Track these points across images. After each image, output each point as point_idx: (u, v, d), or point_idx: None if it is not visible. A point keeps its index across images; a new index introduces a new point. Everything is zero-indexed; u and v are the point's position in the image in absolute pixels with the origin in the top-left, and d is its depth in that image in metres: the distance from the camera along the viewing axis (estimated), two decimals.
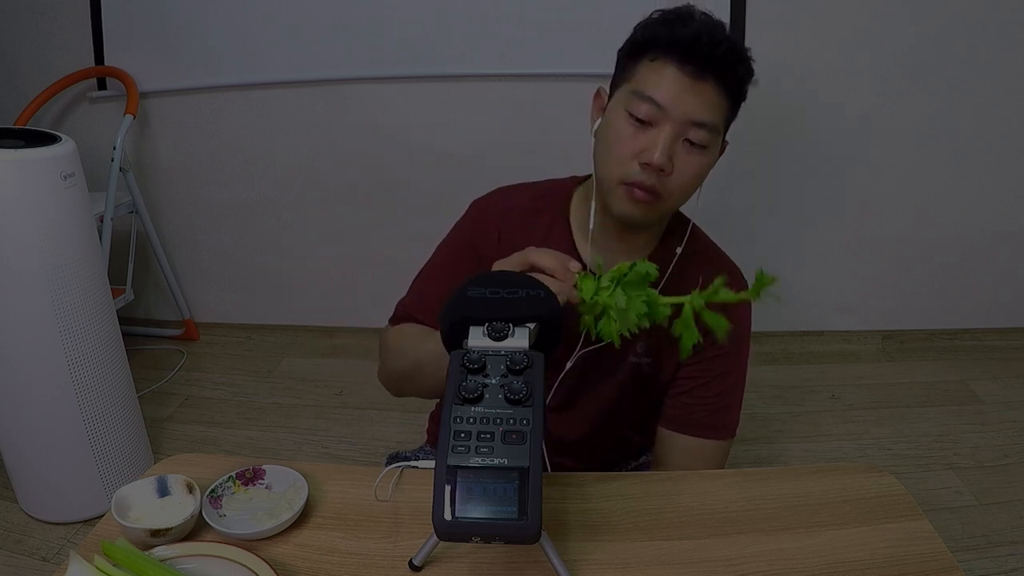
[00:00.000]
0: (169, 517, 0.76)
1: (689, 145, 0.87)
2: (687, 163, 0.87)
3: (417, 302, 1.05)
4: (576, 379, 1.03)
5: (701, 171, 0.89)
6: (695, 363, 1.00)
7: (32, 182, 1.46)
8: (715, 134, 0.88)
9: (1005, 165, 2.33)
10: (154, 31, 2.33)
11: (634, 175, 0.87)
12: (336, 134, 2.41)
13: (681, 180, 0.88)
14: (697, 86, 0.85)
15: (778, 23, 2.16)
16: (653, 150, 0.85)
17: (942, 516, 1.69)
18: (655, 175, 0.87)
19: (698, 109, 0.85)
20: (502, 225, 1.02)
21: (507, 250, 1.01)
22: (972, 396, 2.21)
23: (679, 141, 0.87)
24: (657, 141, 0.85)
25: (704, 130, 0.86)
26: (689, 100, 0.85)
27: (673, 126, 0.85)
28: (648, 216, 0.91)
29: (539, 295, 0.71)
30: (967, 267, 2.47)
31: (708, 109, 0.86)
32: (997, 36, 2.17)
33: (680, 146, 0.87)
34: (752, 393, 2.24)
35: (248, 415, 2.21)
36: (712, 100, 0.86)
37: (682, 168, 0.87)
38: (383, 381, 1.08)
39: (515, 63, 2.23)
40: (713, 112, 0.86)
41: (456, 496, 0.60)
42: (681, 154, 0.87)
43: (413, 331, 1.02)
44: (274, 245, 2.61)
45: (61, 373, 1.57)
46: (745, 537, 0.78)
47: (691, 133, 0.86)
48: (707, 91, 0.85)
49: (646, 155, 0.86)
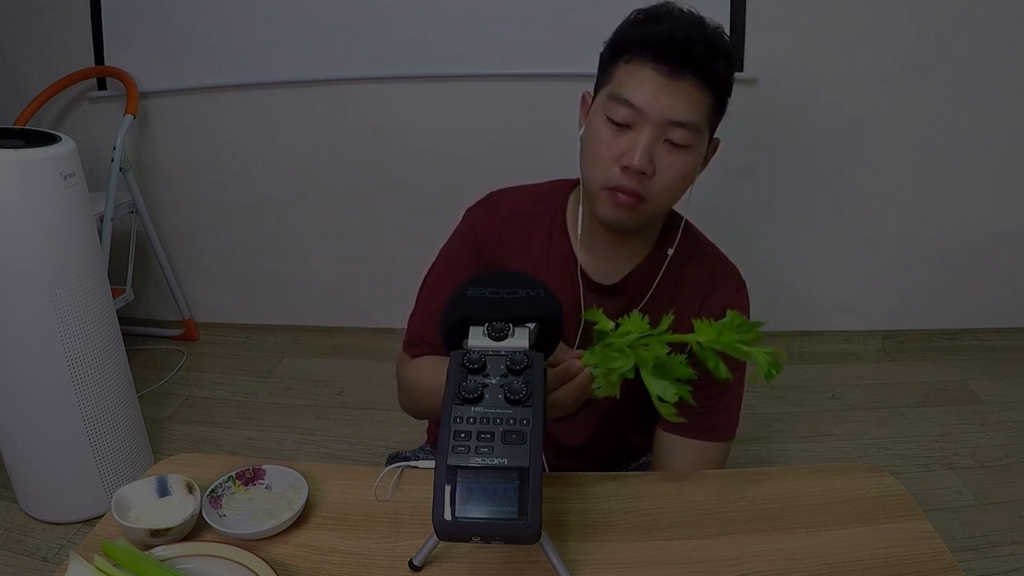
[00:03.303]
0: (169, 517, 0.76)
1: (671, 146, 0.85)
2: (670, 164, 0.86)
3: (425, 321, 1.05)
4: None
5: (686, 171, 0.87)
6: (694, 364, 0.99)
7: (32, 182, 1.46)
8: (697, 133, 0.86)
9: (1005, 165, 2.33)
10: (154, 31, 2.33)
11: (615, 179, 0.86)
12: (336, 134, 2.41)
13: (665, 182, 0.86)
14: (674, 85, 0.83)
15: (778, 23, 2.16)
16: (633, 153, 0.84)
17: (942, 516, 1.69)
18: (636, 178, 0.85)
19: (677, 109, 0.84)
20: (502, 230, 1.01)
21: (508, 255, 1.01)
22: (972, 396, 2.21)
23: (659, 142, 0.85)
24: (636, 144, 0.84)
25: (684, 129, 0.84)
26: (666, 100, 0.83)
27: (652, 128, 0.84)
28: (634, 220, 0.90)
29: (539, 295, 0.71)
30: (967, 267, 2.47)
31: (687, 108, 0.84)
32: (997, 36, 2.17)
33: (661, 147, 0.85)
34: (752, 393, 2.24)
35: (248, 415, 2.21)
36: (692, 98, 0.84)
37: (665, 169, 0.86)
38: (406, 410, 1.08)
39: (515, 63, 2.23)
40: (693, 111, 0.84)
41: (456, 496, 0.60)
42: (663, 155, 0.86)
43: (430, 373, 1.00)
44: (274, 245, 2.60)
45: (61, 373, 1.56)
46: (745, 537, 0.78)
47: (671, 133, 0.85)
48: (685, 89, 0.84)
49: (626, 158, 0.85)
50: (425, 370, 1.02)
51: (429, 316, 1.04)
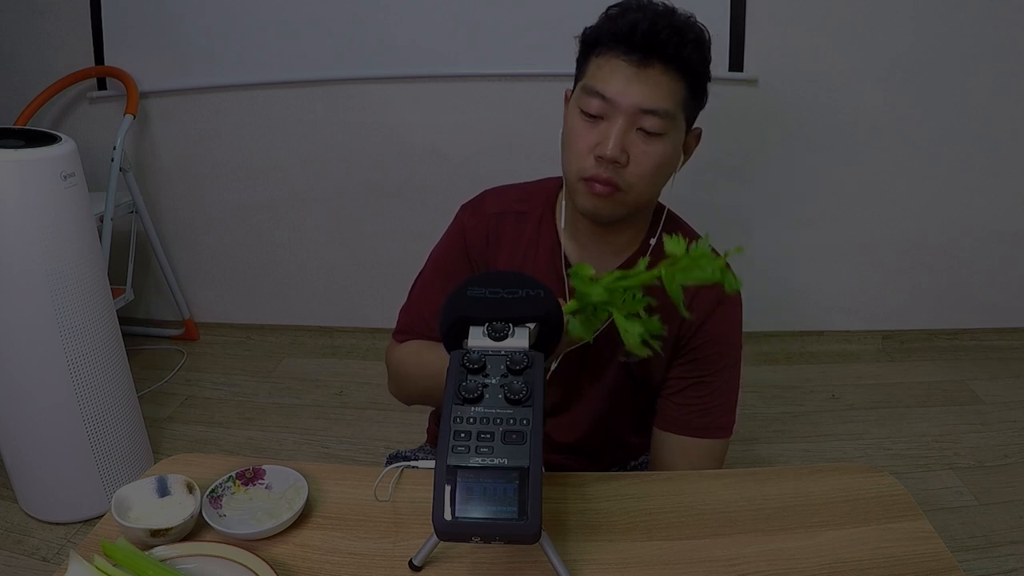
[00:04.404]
0: (169, 517, 0.76)
1: (644, 134, 0.87)
2: (643, 153, 0.87)
3: (415, 312, 1.07)
4: (567, 383, 1.04)
5: (661, 160, 0.88)
6: (687, 363, 1.00)
7: (32, 182, 1.46)
8: (670, 120, 0.87)
9: (1005, 165, 2.33)
10: (154, 31, 2.33)
11: (591, 170, 0.88)
12: (336, 134, 2.41)
13: (639, 170, 0.88)
14: (643, 74, 0.85)
15: (778, 23, 2.16)
16: (606, 143, 0.86)
17: (942, 516, 1.69)
18: (611, 167, 0.87)
19: (647, 97, 0.85)
20: (492, 227, 1.03)
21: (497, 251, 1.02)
22: (972, 396, 2.21)
23: (632, 131, 0.86)
24: (609, 134, 0.86)
25: (656, 117, 0.86)
26: (636, 89, 0.85)
27: (623, 117, 0.86)
28: (612, 209, 0.91)
29: (539, 295, 0.71)
30: (967, 267, 2.47)
31: (658, 96, 0.85)
32: (997, 36, 2.17)
33: (634, 136, 0.87)
34: (752, 393, 2.24)
35: (248, 415, 2.21)
36: (662, 87, 0.85)
37: (638, 158, 0.87)
38: (395, 396, 1.10)
39: (515, 63, 2.23)
40: (664, 99, 0.86)
41: (456, 496, 0.60)
42: (636, 144, 0.87)
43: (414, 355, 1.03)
44: (274, 245, 2.60)
45: (61, 373, 1.57)
46: (745, 537, 0.78)
47: (643, 122, 0.86)
48: (654, 77, 0.85)
49: (599, 148, 0.87)
50: (410, 353, 1.04)
51: (418, 309, 1.07)
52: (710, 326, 0.98)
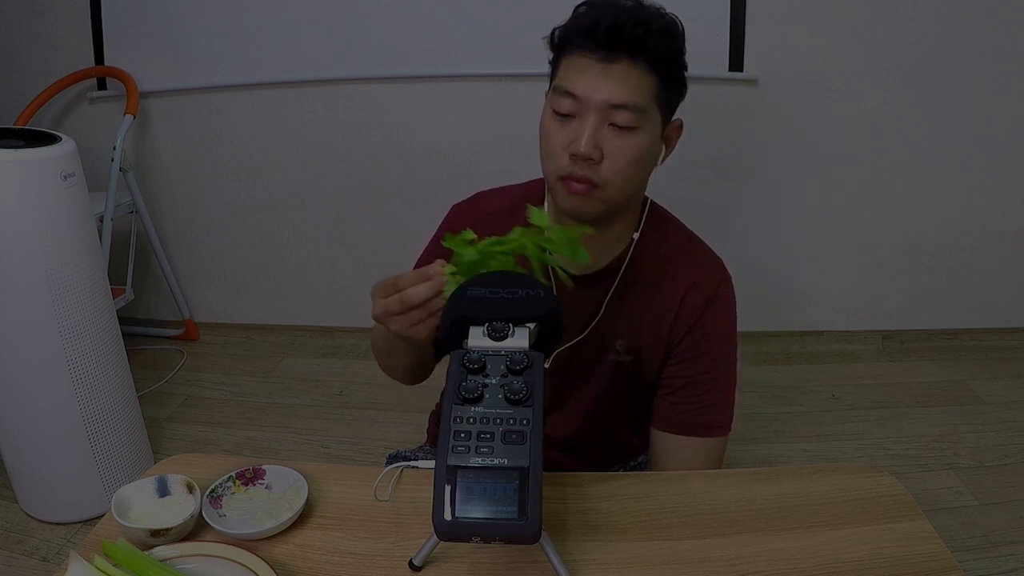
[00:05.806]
0: (169, 517, 0.76)
1: (617, 129, 0.86)
2: (617, 148, 0.87)
3: None
4: (560, 380, 1.04)
5: (637, 154, 0.88)
6: (681, 362, 1.00)
7: (32, 182, 1.46)
8: (641, 114, 0.86)
9: (1005, 165, 2.33)
10: (154, 31, 2.33)
11: (567, 168, 0.88)
12: (336, 134, 2.41)
13: (615, 166, 0.87)
14: (610, 69, 0.85)
15: (778, 22, 2.16)
16: (579, 141, 0.86)
17: (942, 516, 1.69)
18: (585, 164, 0.87)
19: (615, 92, 0.85)
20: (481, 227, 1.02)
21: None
22: (972, 396, 2.21)
23: (604, 127, 0.86)
24: (581, 131, 0.86)
25: (626, 111, 0.85)
26: (603, 84, 0.85)
27: (593, 113, 0.86)
28: (591, 207, 0.91)
29: (539, 295, 0.71)
30: (967, 267, 2.47)
31: (627, 90, 0.85)
32: (997, 36, 2.17)
33: (607, 131, 0.87)
34: (752, 393, 2.24)
35: (248, 415, 2.21)
36: (631, 80, 0.85)
37: (613, 154, 0.87)
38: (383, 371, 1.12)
39: (515, 63, 2.22)
40: (634, 92, 0.85)
41: (456, 496, 0.60)
42: (610, 139, 0.87)
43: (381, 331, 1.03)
44: (274, 245, 2.60)
45: (61, 373, 1.57)
46: (745, 537, 0.78)
47: (614, 116, 0.86)
48: (621, 71, 0.85)
49: (573, 146, 0.87)
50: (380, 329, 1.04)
51: None
52: (702, 325, 0.98)
